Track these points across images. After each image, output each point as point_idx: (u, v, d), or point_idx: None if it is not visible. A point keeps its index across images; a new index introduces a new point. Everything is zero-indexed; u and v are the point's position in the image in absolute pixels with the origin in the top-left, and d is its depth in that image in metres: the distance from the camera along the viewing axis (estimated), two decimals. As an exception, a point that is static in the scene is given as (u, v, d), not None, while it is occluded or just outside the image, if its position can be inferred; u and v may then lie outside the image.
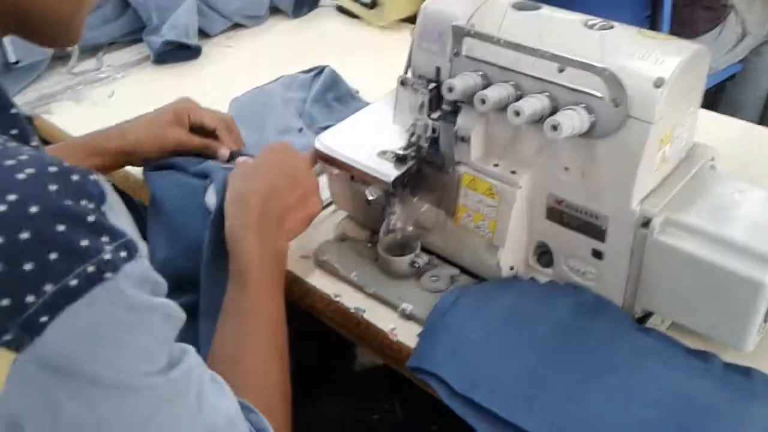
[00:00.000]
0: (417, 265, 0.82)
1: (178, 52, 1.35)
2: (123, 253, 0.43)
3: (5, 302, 0.38)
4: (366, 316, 0.79)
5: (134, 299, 0.43)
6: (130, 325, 0.43)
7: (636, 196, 0.69)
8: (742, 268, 0.65)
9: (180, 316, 0.48)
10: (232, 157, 0.91)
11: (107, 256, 0.41)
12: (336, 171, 0.85)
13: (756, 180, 0.73)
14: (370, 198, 0.81)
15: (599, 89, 0.65)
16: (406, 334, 0.76)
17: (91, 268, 0.41)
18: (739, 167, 0.83)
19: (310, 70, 1.25)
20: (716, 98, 2.02)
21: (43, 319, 0.39)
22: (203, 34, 1.42)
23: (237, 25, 1.49)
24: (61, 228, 0.40)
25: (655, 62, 0.65)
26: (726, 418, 0.63)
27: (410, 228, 0.82)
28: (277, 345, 0.67)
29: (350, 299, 0.81)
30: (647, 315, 0.75)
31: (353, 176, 0.85)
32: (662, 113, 0.65)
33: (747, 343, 0.68)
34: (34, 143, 0.47)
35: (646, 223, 0.69)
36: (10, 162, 0.41)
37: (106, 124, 0.94)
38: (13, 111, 0.47)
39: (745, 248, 0.65)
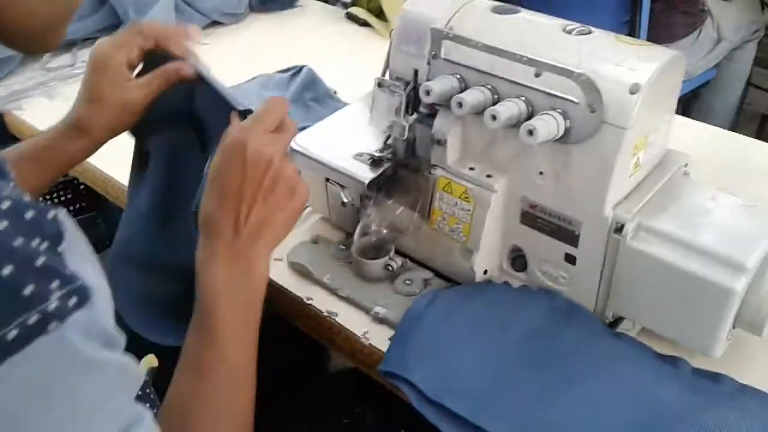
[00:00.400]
0: (391, 268, 0.82)
1: (154, 49, 1.33)
2: (73, 300, 0.39)
3: None
4: (338, 319, 0.78)
5: (82, 351, 0.39)
6: (75, 382, 0.39)
7: (609, 201, 0.69)
8: (712, 275, 0.65)
9: (138, 375, 0.44)
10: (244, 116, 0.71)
11: (53, 305, 0.38)
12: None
13: (728, 186, 0.74)
14: (345, 201, 0.81)
15: (575, 95, 0.65)
16: (379, 338, 0.76)
17: (33, 319, 0.37)
18: (712, 173, 0.84)
19: (288, 69, 1.24)
20: (690, 104, 2.04)
21: None
22: (180, 30, 1.41)
23: (215, 23, 1.48)
24: (5, 272, 0.36)
25: (631, 68, 0.65)
26: (694, 423, 0.63)
27: (385, 231, 0.82)
28: (240, 409, 0.58)
29: (322, 302, 0.80)
30: (618, 320, 0.76)
31: (328, 178, 0.84)
32: (637, 119, 0.65)
33: (716, 349, 0.68)
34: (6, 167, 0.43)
35: (618, 229, 0.69)
36: None
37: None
38: None
39: (716, 255, 0.66)
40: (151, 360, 0.63)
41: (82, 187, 1.50)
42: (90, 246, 0.44)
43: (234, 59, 1.35)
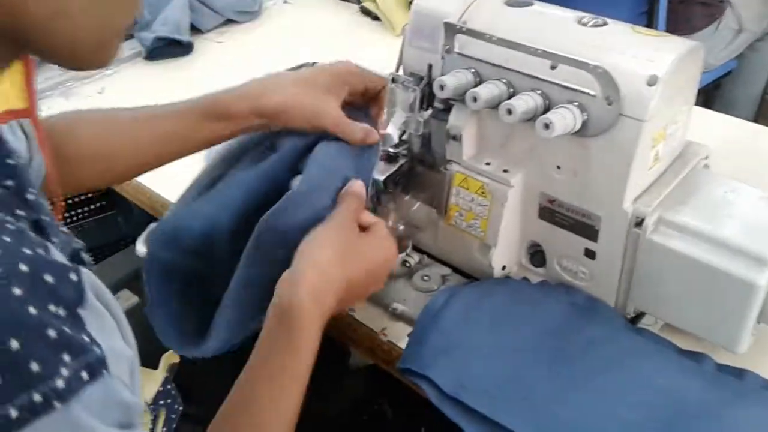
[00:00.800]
0: (408, 265, 0.81)
1: (170, 48, 1.34)
2: (84, 374, 0.36)
3: None
4: (356, 316, 0.78)
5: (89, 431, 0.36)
6: None
7: (629, 195, 0.68)
8: (736, 269, 0.64)
9: None
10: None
11: (61, 382, 0.35)
12: None
13: (749, 179, 0.73)
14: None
15: (592, 87, 0.64)
16: (397, 335, 0.75)
17: (37, 397, 0.34)
18: (733, 165, 0.82)
19: (299, 66, 1.24)
20: (712, 95, 2.01)
21: None
22: (195, 29, 1.42)
23: (229, 21, 1.48)
24: (14, 345, 0.34)
25: (648, 60, 0.64)
26: (718, 419, 0.62)
27: (401, 227, 0.81)
28: (295, 415, 0.58)
29: (341, 299, 0.80)
30: (640, 315, 0.75)
31: (344, 174, 0.84)
32: (655, 111, 0.64)
33: (740, 345, 0.67)
34: (30, 195, 0.42)
35: (639, 223, 0.68)
36: None
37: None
38: (9, 161, 0.42)
39: (739, 248, 0.65)
40: (171, 356, 0.63)
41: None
42: (115, 301, 0.43)
43: (248, 57, 1.35)
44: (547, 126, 0.63)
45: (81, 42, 0.46)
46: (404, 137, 0.80)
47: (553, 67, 0.67)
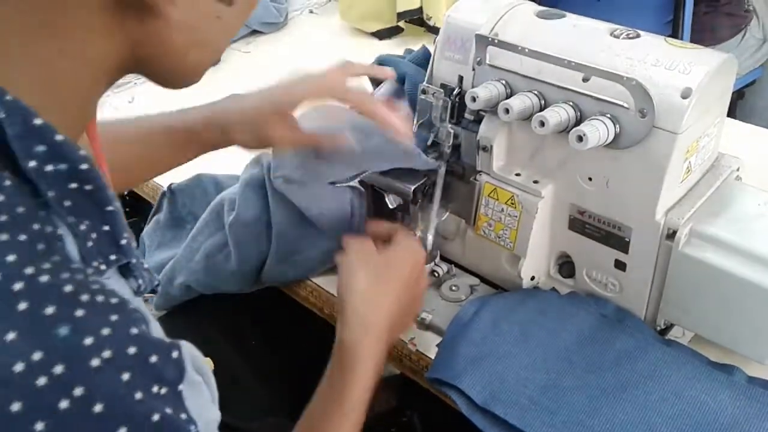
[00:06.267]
0: (437, 274, 0.82)
1: (198, 58, 1.35)
2: None
3: None
4: (385, 325, 0.78)
5: None
6: None
7: (661, 207, 0.68)
8: (769, 282, 0.64)
9: None
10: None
11: None
12: None
13: (781, 191, 0.72)
14: (391, 206, 0.81)
15: (625, 99, 0.64)
16: (426, 344, 0.76)
17: None
18: (765, 177, 0.82)
19: None
20: (736, 104, 2.00)
21: None
22: (222, 39, 1.43)
23: (255, 32, 1.49)
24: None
25: (682, 72, 0.64)
26: (749, 431, 0.62)
27: (430, 236, 0.82)
28: None
29: (370, 308, 0.80)
30: (669, 327, 0.74)
31: (373, 184, 0.84)
32: (689, 124, 0.64)
33: (773, 358, 0.66)
34: (123, 240, 0.43)
35: (671, 235, 0.68)
36: (89, 340, 0.35)
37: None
38: (109, 208, 0.42)
39: (772, 261, 0.64)
40: (207, 363, 0.64)
41: (126, 194, 1.52)
42: (206, 366, 0.44)
43: (275, 67, 1.36)
44: (580, 138, 0.63)
45: (201, 66, 0.48)
46: (434, 148, 0.81)
47: (585, 80, 0.67)
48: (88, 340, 0.35)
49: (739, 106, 2.00)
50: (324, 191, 0.76)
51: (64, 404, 0.33)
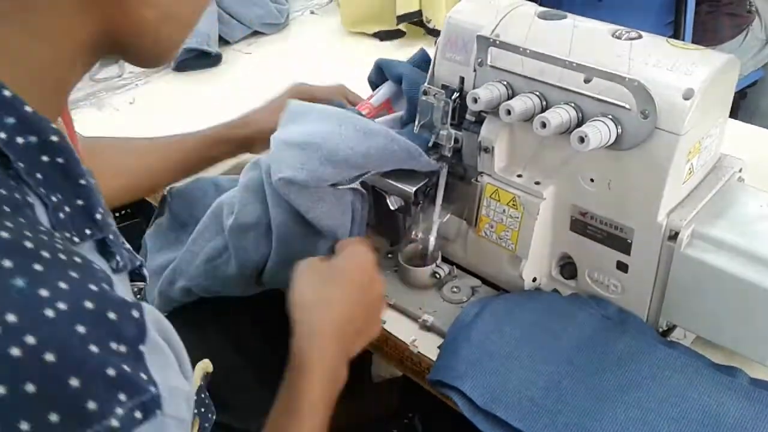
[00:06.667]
0: (438, 276, 0.81)
1: (199, 60, 1.35)
2: (137, 414, 0.37)
3: None
4: (386, 327, 0.78)
5: None
6: None
7: (663, 208, 0.68)
8: (772, 284, 0.63)
9: None
10: None
11: (114, 422, 0.35)
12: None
13: (784, 192, 0.72)
14: (392, 207, 0.81)
15: (627, 100, 0.64)
16: (427, 346, 0.75)
17: None
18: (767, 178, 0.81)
19: None
20: (738, 105, 2.00)
21: None
22: (223, 41, 1.43)
23: (256, 33, 1.49)
24: (73, 383, 0.34)
25: (684, 73, 0.64)
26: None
27: (432, 238, 0.82)
28: None
29: (370, 310, 0.80)
30: (670, 328, 0.74)
31: (374, 185, 0.84)
32: (691, 125, 0.64)
33: (776, 360, 0.66)
34: (99, 215, 0.43)
35: (673, 236, 0.68)
36: (45, 292, 0.35)
37: (127, 130, 0.94)
38: (82, 182, 0.42)
39: (775, 263, 0.64)
40: (206, 365, 0.64)
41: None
42: (176, 335, 0.43)
43: (276, 67, 1.37)
44: (582, 139, 0.63)
45: (174, 43, 0.48)
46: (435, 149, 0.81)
47: (587, 81, 0.67)
48: (44, 292, 0.35)
49: (741, 107, 1.99)
50: (325, 193, 0.76)
51: (15, 352, 0.33)
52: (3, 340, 0.33)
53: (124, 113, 1.23)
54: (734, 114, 0.73)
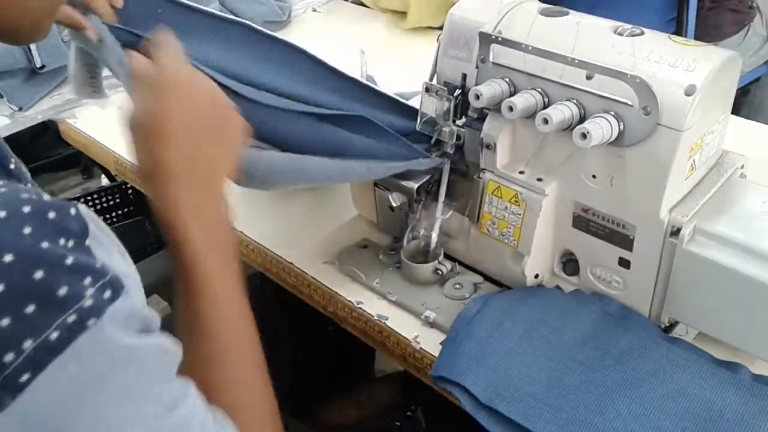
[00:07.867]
0: (440, 272, 0.82)
1: (201, 57, 1.35)
2: (107, 293, 0.40)
3: None
4: (388, 323, 0.78)
5: (122, 342, 0.40)
6: (120, 372, 0.40)
7: (665, 204, 0.68)
8: (774, 279, 0.64)
9: (176, 350, 0.45)
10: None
11: (89, 302, 0.39)
12: None
13: (786, 188, 0.72)
14: (394, 205, 0.81)
15: (629, 97, 0.64)
16: (429, 342, 0.76)
17: (72, 318, 0.38)
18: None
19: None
20: (740, 101, 2.00)
21: (25, 377, 0.37)
22: (225, 38, 1.43)
23: (258, 30, 1.49)
24: (38, 275, 0.37)
25: (686, 69, 0.64)
26: (755, 429, 0.62)
27: (434, 234, 0.82)
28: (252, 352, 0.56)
29: (372, 306, 0.81)
30: (673, 324, 0.74)
31: (377, 182, 0.84)
32: (693, 121, 0.64)
33: (778, 355, 0.66)
34: (12, 165, 0.45)
35: (675, 233, 0.68)
36: None
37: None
38: None
39: (777, 259, 0.64)
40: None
41: (130, 191, 1.53)
42: (110, 230, 0.46)
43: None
44: (584, 136, 0.63)
45: (24, 18, 0.48)
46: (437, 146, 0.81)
47: (589, 77, 0.67)
48: None
49: (743, 103, 1.99)
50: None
51: None
52: None
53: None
54: (736, 110, 0.73)
